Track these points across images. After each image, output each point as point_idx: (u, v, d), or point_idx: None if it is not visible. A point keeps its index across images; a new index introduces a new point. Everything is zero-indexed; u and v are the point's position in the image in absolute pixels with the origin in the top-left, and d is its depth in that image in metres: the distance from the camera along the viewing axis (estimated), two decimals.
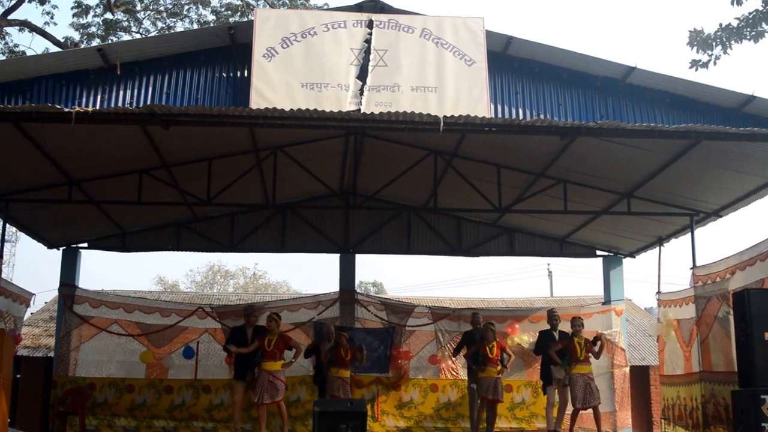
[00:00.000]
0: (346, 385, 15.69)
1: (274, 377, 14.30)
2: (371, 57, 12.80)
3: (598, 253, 20.42)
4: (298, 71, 12.67)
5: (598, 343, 15.35)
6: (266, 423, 14.74)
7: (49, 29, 27.02)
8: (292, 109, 11.38)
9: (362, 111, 12.11)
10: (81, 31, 27.76)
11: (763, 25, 14.42)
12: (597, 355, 15.36)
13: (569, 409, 15.23)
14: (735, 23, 14.54)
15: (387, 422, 18.35)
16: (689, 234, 16.44)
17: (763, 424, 11.27)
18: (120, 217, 18.14)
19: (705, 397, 14.79)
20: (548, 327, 16.41)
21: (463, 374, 18.07)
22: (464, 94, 12.82)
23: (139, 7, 28.98)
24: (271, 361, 14.33)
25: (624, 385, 19.01)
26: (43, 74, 12.79)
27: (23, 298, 16.46)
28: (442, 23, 13.20)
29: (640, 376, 26.41)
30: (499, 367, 15.81)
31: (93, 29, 27.85)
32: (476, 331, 16.81)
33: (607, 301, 19.91)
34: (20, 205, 15.84)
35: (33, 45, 74.32)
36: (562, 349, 15.26)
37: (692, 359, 15.59)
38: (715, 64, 14.77)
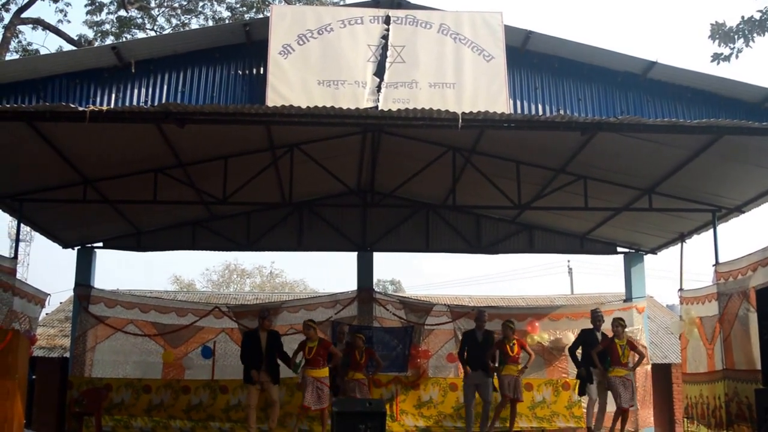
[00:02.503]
0: (363, 386, 15.62)
1: (321, 383, 14.40)
2: (388, 53, 12.76)
3: (619, 249, 20.21)
4: (314, 68, 12.64)
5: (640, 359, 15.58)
6: (295, 424, 14.81)
7: (62, 27, 27.19)
8: (308, 107, 11.26)
9: (379, 108, 12.07)
10: (95, 28, 27.81)
11: None
12: (634, 368, 15.42)
13: (610, 407, 15.12)
14: (757, 15, 14.33)
15: (406, 422, 18.22)
16: (711, 230, 16.25)
17: None
18: (135, 216, 18.05)
19: (728, 395, 14.64)
20: (591, 326, 16.10)
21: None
22: (483, 90, 12.78)
23: (153, 4, 28.93)
24: (316, 369, 14.42)
25: (646, 383, 18.86)
26: (56, 73, 12.80)
27: (38, 298, 16.37)
28: (460, 18, 13.13)
29: (662, 374, 26.23)
30: (519, 366, 15.76)
31: (107, 27, 27.91)
32: (478, 331, 16.52)
33: (628, 298, 19.77)
34: (35, 205, 15.74)
35: (46, 43, 74.95)
36: (603, 350, 15.13)
37: (715, 357, 15.44)
38: (737, 57, 14.53)
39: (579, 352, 15.86)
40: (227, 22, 26.69)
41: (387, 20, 12.95)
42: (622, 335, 15.05)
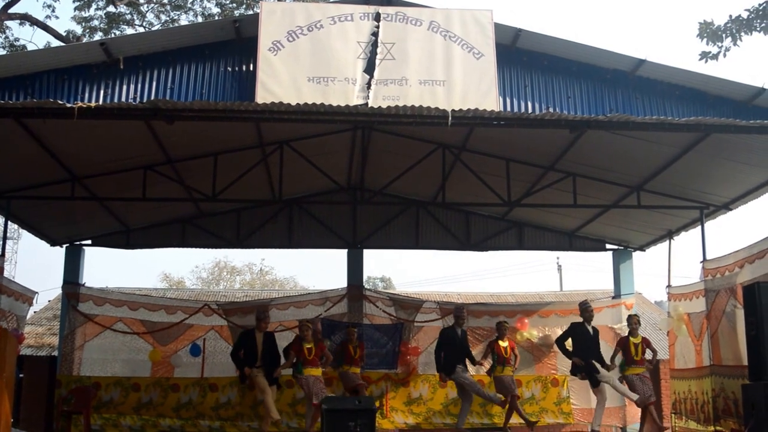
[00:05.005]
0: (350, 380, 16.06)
1: (320, 381, 14.79)
2: (379, 50, 12.74)
3: (608, 246, 20.27)
4: (304, 65, 12.59)
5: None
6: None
7: (50, 23, 26.96)
8: (298, 104, 11.27)
9: (370, 105, 12.07)
10: (83, 24, 27.60)
11: None
12: (651, 362, 15.78)
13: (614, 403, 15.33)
14: (745, 15, 14.41)
15: (396, 418, 18.22)
16: (699, 227, 16.36)
17: None
18: (124, 213, 17.99)
19: (715, 390, 14.76)
20: (580, 320, 16.30)
21: (473, 370, 17.77)
22: (473, 87, 12.76)
23: (142, 0, 28.82)
24: (316, 368, 14.85)
25: None
26: (44, 69, 12.70)
27: (26, 296, 16.31)
28: (450, 16, 13.11)
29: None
30: (513, 366, 16.44)
31: (95, 23, 27.71)
32: (457, 328, 16.56)
33: (617, 295, 19.84)
34: (22, 202, 15.67)
35: (34, 39, 74.31)
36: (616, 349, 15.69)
37: (703, 353, 15.56)
38: (725, 56, 14.66)
39: (569, 344, 16.02)
40: (216, 18, 26.64)
41: (377, 17, 12.92)
42: (637, 333, 15.23)
